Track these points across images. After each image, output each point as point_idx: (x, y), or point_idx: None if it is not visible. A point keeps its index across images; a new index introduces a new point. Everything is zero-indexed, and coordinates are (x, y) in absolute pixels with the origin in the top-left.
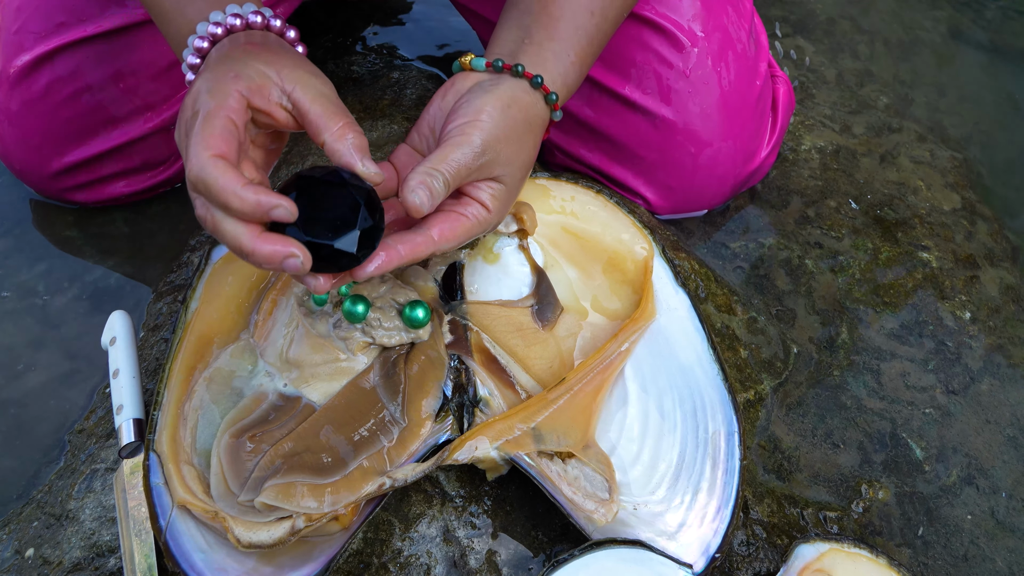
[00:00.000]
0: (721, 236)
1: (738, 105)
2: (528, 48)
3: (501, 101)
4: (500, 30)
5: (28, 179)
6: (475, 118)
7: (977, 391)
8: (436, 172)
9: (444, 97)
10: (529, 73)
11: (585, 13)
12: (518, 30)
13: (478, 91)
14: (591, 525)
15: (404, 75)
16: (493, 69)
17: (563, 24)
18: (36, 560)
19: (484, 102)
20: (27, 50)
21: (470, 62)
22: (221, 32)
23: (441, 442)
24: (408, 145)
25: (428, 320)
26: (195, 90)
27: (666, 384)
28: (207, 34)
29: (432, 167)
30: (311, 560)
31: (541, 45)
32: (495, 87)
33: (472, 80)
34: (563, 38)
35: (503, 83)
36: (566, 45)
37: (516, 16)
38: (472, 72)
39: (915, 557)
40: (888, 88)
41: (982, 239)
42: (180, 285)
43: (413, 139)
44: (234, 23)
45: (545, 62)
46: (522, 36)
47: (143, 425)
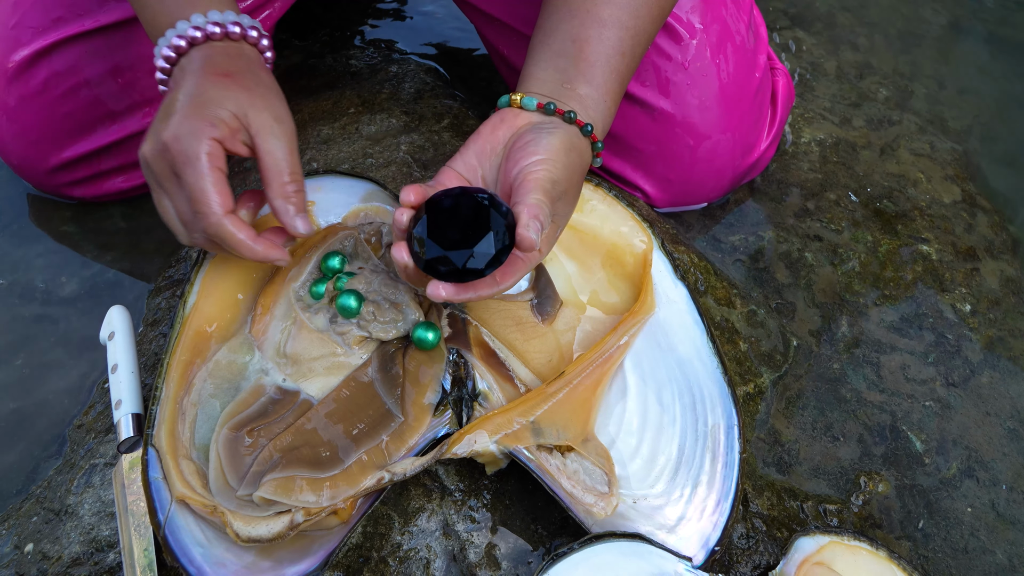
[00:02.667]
0: (720, 229)
1: (737, 97)
2: (568, 92)
3: (564, 145)
4: (534, 68)
5: (26, 174)
6: (550, 157)
7: (977, 384)
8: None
9: (495, 131)
10: (581, 121)
11: (617, 55)
12: (555, 72)
13: (541, 132)
14: (590, 519)
15: (402, 68)
16: (544, 111)
17: (598, 69)
18: (35, 555)
19: (551, 144)
20: (25, 45)
21: (520, 100)
22: (200, 36)
23: (440, 436)
24: (453, 169)
25: (437, 341)
26: (175, 125)
27: (665, 377)
28: (187, 35)
29: (539, 200)
30: (310, 554)
31: (580, 90)
32: (555, 130)
33: (524, 119)
34: (599, 83)
35: (560, 127)
36: (602, 91)
37: (550, 57)
38: (522, 111)
39: (915, 550)
40: (888, 80)
41: (982, 231)
42: (178, 280)
43: (459, 165)
44: (214, 31)
45: (587, 109)
46: (560, 79)
47: (142, 420)
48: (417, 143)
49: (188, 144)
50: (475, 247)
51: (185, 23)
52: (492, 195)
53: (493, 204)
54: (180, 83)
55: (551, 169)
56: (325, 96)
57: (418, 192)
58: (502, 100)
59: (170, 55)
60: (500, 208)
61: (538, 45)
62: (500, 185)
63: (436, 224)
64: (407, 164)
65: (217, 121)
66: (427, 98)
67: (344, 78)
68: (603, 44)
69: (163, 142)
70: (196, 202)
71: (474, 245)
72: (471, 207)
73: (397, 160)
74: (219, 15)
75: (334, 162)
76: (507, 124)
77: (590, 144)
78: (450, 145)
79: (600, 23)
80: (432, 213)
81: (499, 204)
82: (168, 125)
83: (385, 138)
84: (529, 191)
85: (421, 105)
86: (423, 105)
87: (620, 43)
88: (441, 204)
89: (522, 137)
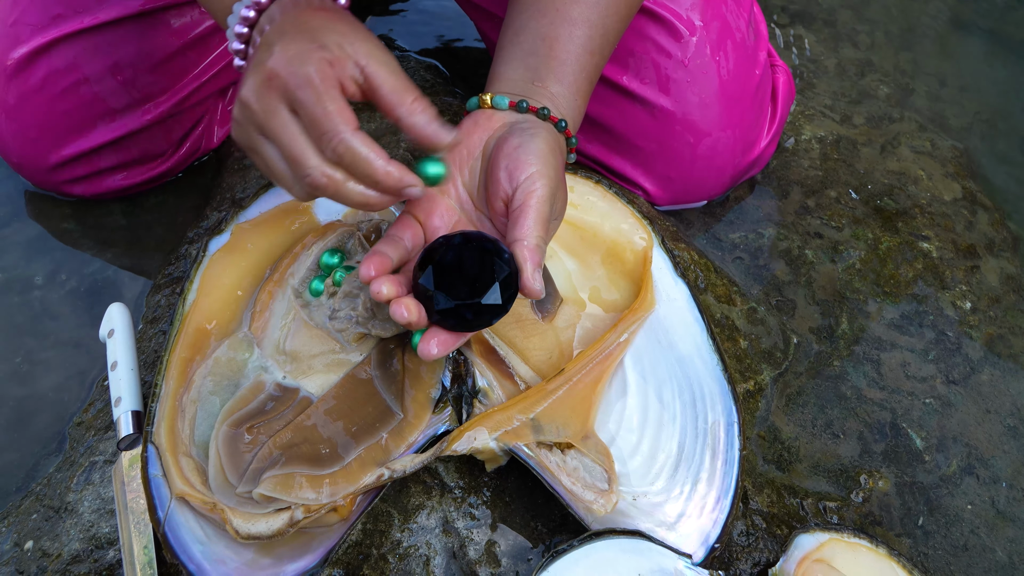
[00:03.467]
0: (721, 227)
1: (737, 94)
2: (539, 90)
3: (550, 147)
4: (503, 67)
5: (26, 172)
6: (542, 167)
7: (977, 381)
8: (542, 242)
9: (470, 135)
10: (555, 117)
11: (586, 54)
12: (525, 70)
13: (524, 135)
14: (590, 516)
15: (402, 66)
16: (517, 109)
17: (568, 67)
18: (35, 552)
19: (539, 149)
20: (24, 42)
21: (491, 100)
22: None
23: (440, 433)
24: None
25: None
26: (280, 52)
27: (665, 375)
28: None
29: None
30: (310, 551)
31: (551, 88)
32: (537, 132)
33: (499, 120)
34: (569, 81)
35: (539, 126)
36: (572, 89)
37: (520, 56)
38: (495, 111)
39: (915, 547)
40: (889, 78)
41: (983, 229)
42: (178, 277)
43: None
44: None
45: (558, 106)
46: (530, 77)
47: (142, 417)
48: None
49: (301, 64)
50: (483, 298)
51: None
52: (494, 240)
53: (496, 251)
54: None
55: (546, 184)
56: None
57: (379, 265)
58: (471, 103)
59: (249, 15)
60: (503, 255)
61: (507, 44)
62: (488, 192)
63: (441, 275)
64: (407, 161)
65: (325, 44)
66: (427, 95)
67: None
68: (573, 42)
69: (269, 69)
70: (319, 123)
71: (481, 296)
72: (475, 256)
73: (397, 157)
74: None
75: None
76: (481, 127)
77: (565, 140)
78: None
79: (570, 22)
80: (437, 264)
81: (501, 251)
82: (272, 53)
83: (385, 135)
84: (529, 225)
85: None
86: None
87: (590, 41)
88: (445, 255)
89: (505, 140)
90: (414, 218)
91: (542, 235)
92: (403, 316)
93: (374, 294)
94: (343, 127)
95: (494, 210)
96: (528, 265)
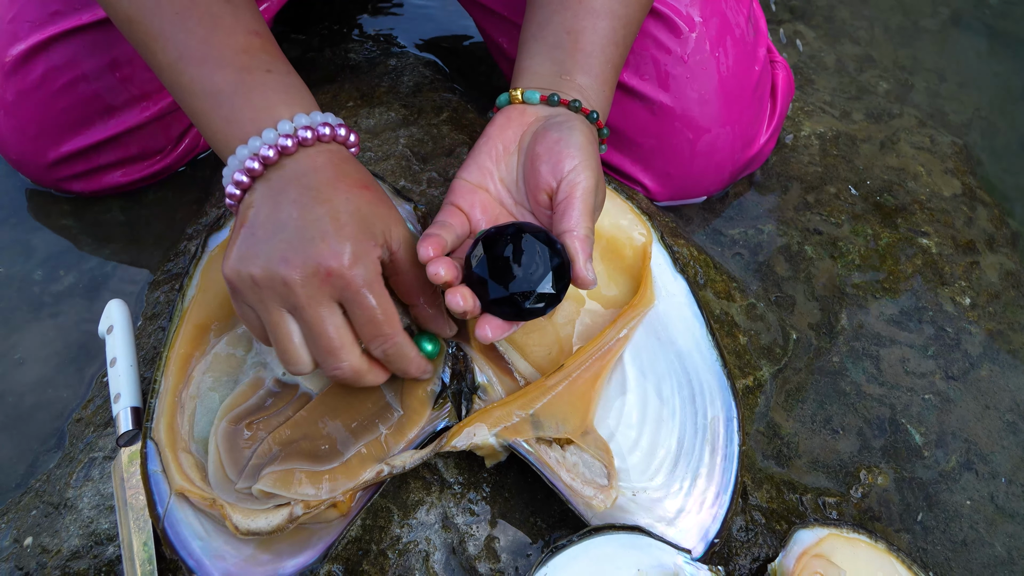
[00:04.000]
0: (720, 223)
1: (736, 91)
2: (568, 83)
3: (588, 139)
4: (529, 61)
5: (24, 169)
6: (584, 159)
7: (977, 377)
8: (591, 233)
9: (503, 130)
10: (586, 109)
11: (611, 45)
12: (551, 64)
13: (562, 128)
14: (590, 511)
15: (401, 62)
16: (549, 103)
17: (595, 59)
18: (35, 548)
19: (580, 143)
20: (22, 39)
21: (523, 95)
22: (310, 137)
23: (439, 429)
24: (465, 180)
25: (437, 353)
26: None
27: (665, 370)
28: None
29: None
30: (309, 547)
31: (578, 80)
32: (572, 124)
33: (532, 114)
34: (596, 73)
35: (574, 119)
36: (600, 80)
37: (546, 50)
38: (527, 105)
39: (914, 542)
40: (888, 74)
41: (982, 225)
42: (177, 273)
43: (472, 174)
44: (324, 132)
45: (587, 99)
46: (557, 71)
47: (141, 413)
48: (416, 136)
49: (366, 267)
50: (537, 287)
51: (288, 123)
52: (546, 231)
53: (548, 242)
54: (304, 190)
55: (590, 176)
56: (324, 90)
57: (436, 245)
58: (501, 99)
59: (268, 155)
60: (555, 245)
61: (531, 39)
62: (527, 186)
63: (495, 263)
64: (406, 157)
65: (376, 240)
66: (426, 91)
67: (343, 72)
68: (597, 34)
69: (329, 267)
70: (378, 325)
71: (536, 285)
72: (528, 246)
73: (396, 153)
74: (321, 116)
75: None
76: (515, 122)
77: (597, 131)
78: (449, 138)
79: (593, 13)
80: (490, 253)
81: (553, 241)
82: (330, 247)
83: (384, 131)
84: (577, 216)
85: (420, 98)
86: (422, 98)
87: (613, 32)
88: (499, 244)
89: (544, 135)
90: (458, 208)
91: (590, 226)
92: (459, 304)
93: (431, 276)
94: (397, 330)
95: (537, 203)
96: (580, 256)
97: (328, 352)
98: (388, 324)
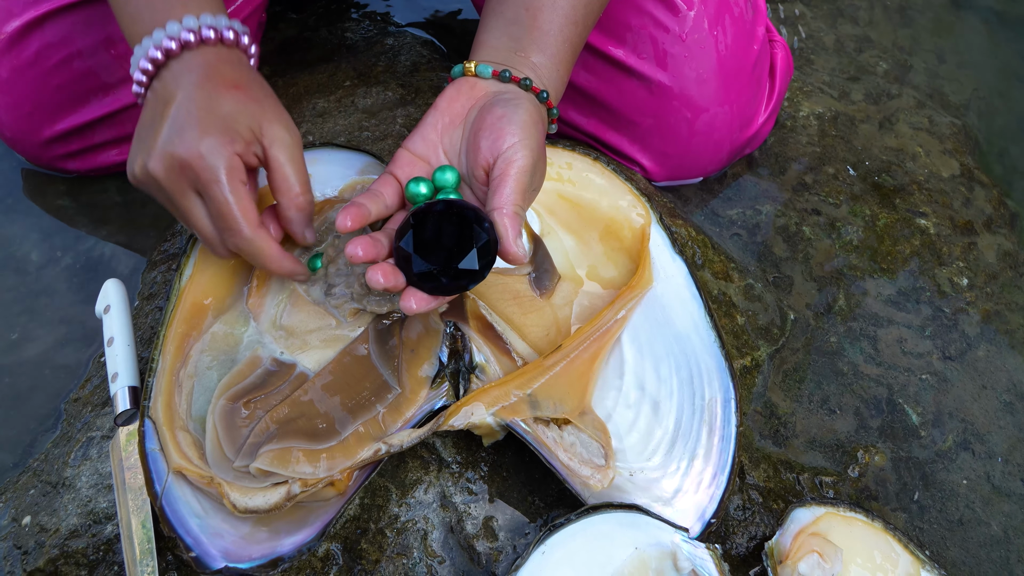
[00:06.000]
0: (718, 203)
1: (735, 70)
2: (522, 60)
3: (532, 119)
4: (487, 36)
5: (20, 147)
6: (524, 138)
7: (974, 357)
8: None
9: (452, 103)
10: (536, 88)
11: (569, 25)
12: (508, 40)
13: (508, 106)
14: (587, 491)
15: (398, 41)
16: (500, 79)
17: (551, 38)
18: (33, 527)
19: (522, 120)
20: (16, 16)
21: (475, 68)
22: (193, 40)
23: (437, 408)
24: (409, 151)
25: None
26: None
27: (663, 351)
28: (178, 38)
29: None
30: (307, 525)
31: (533, 58)
32: (520, 103)
33: (482, 89)
34: (552, 52)
35: (522, 97)
36: (555, 60)
37: (503, 25)
38: (479, 79)
39: (910, 521)
40: (887, 54)
41: (980, 205)
42: (174, 254)
43: (417, 145)
44: (208, 35)
45: (540, 77)
46: (513, 47)
47: (139, 393)
48: (413, 116)
49: (213, 160)
50: (460, 263)
51: (176, 24)
52: (476, 208)
53: (476, 219)
54: (180, 91)
55: (527, 155)
56: (321, 69)
57: (356, 215)
58: (456, 70)
59: (156, 57)
60: (483, 223)
61: (491, 13)
62: (468, 160)
63: (422, 239)
64: (403, 137)
65: (236, 136)
66: (423, 71)
67: (340, 51)
68: (556, 13)
69: (182, 159)
70: (225, 218)
71: (459, 261)
72: (455, 222)
73: (393, 133)
74: (211, 18)
75: (330, 135)
76: (464, 95)
77: (547, 111)
78: None
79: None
80: (418, 228)
81: (482, 219)
82: (184, 140)
83: (381, 111)
84: (508, 193)
85: (417, 78)
86: (419, 78)
87: (573, 11)
88: (426, 219)
89: (488, 111)
90: (395, 178)
91: (521, 204)
92: (378, 282)
93: (349, 255)
94: (245, 225)
95: (475, 178)
96: (509, 232)
97: (203, 239)
98: (235, 219)
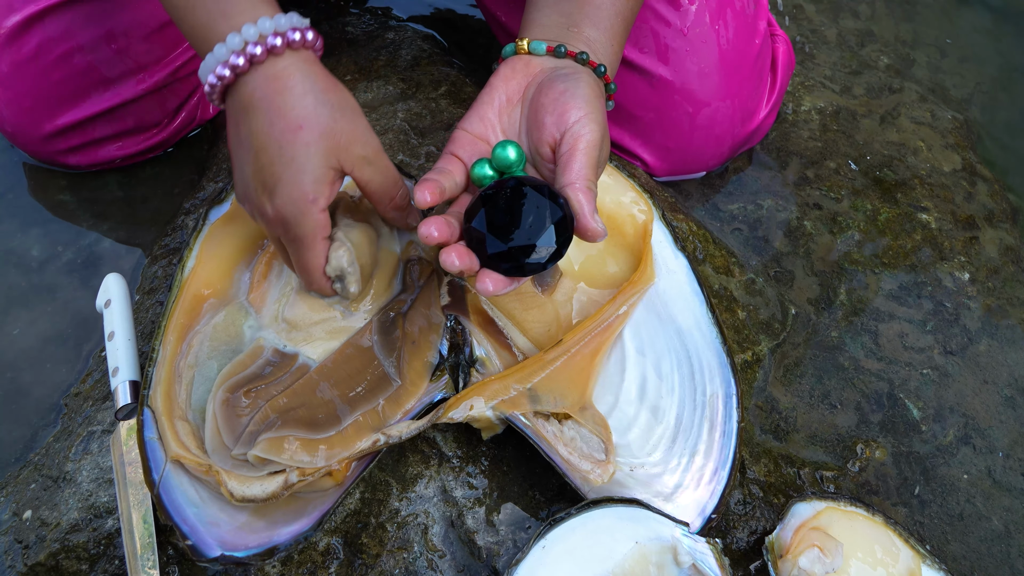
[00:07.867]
0: (719, 198)
1: (737, 64)
2: (575, 35)
3: (595, 92)
4: (536, 14)
5: (20, 142)
6: (590, 112)
7: (975, 352)
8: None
9: (508, 81)
10: (593, 62)
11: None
12: (559, 16)
13: (568, 80)
14: (587, 485)
15: (399, 36)
16: (555, 55)
17: (604, 12)
18: (34, 522)
19: (586, 95)
20: (17, 10)
21: (528, 45)
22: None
23: (436, 400)
24: (466, 131)
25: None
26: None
27: (664, 347)
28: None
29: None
30: (304, 515)
31: (586, 33)
32: (579, 76)
33: (537, 65)
34: (605, 27)
35: (581, 72)
36: (608, 34)
37: (553, 2)
38: (533, 56)
39: (911, 516)
40: (889, 48)
41: (982, 200)
42: (174, 248)
43: (474, 125)
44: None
45: (595, 52)
46: (565, 23)
47: (139, 387)
48: (414, 110)
49: (300, 227)
50: (538, 241)
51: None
52: (548, 185)
53: (551, 195)
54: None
55: (595, 128)
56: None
57: (433, 189)
58: (507, 49)
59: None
60: (557, 200)
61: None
62: (531, 138)
63: (494, 218)
64: (404, 131)
65: (320, 188)
66: (424, 65)
67: (340, 45)
68: None
69: (273, 216)
70: (303, 270)
71: (536, 239)
72: (528, 200)
73: (394, 127)
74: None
75: None
76: (520, 73)
77: (604, 85)
78: (447, 112)
79: None
80: (490, 208)
81: (555, 195)
82: (275, 198)
83: (382, 105)
84: (580, 168)
85: (418, 72)
86: (420, 72)
87: None
88: (498, 198)
89: (549, 85)
90: (457, 158)
91: (594, 179)
92: (453, 264)
93: (422, 236)
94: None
95: (540, 155)
96: (585, 207)
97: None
98: (309, 273)
